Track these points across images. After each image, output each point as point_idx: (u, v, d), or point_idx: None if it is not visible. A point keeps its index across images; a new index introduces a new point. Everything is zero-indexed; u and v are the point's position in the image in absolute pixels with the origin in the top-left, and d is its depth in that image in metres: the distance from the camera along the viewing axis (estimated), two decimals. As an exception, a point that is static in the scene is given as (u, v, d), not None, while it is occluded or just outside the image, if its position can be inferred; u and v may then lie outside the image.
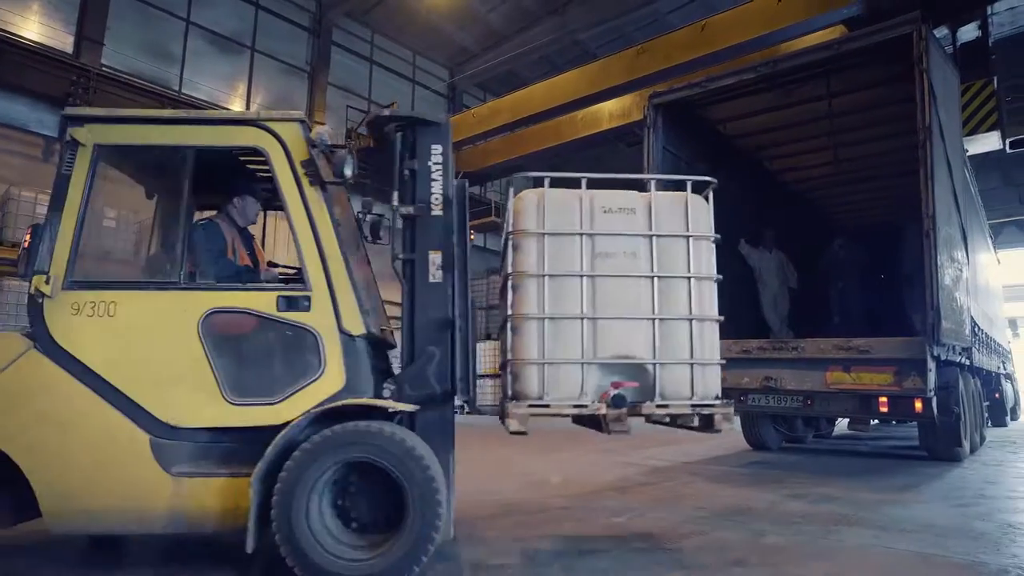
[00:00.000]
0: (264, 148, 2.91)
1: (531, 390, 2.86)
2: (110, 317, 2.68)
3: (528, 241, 2.98)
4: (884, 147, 8.01)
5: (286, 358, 2.77)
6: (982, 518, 3.90)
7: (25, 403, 2.58)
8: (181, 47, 13.61)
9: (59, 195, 2.78)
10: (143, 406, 2.62)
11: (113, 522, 2.61)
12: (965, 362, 6.53)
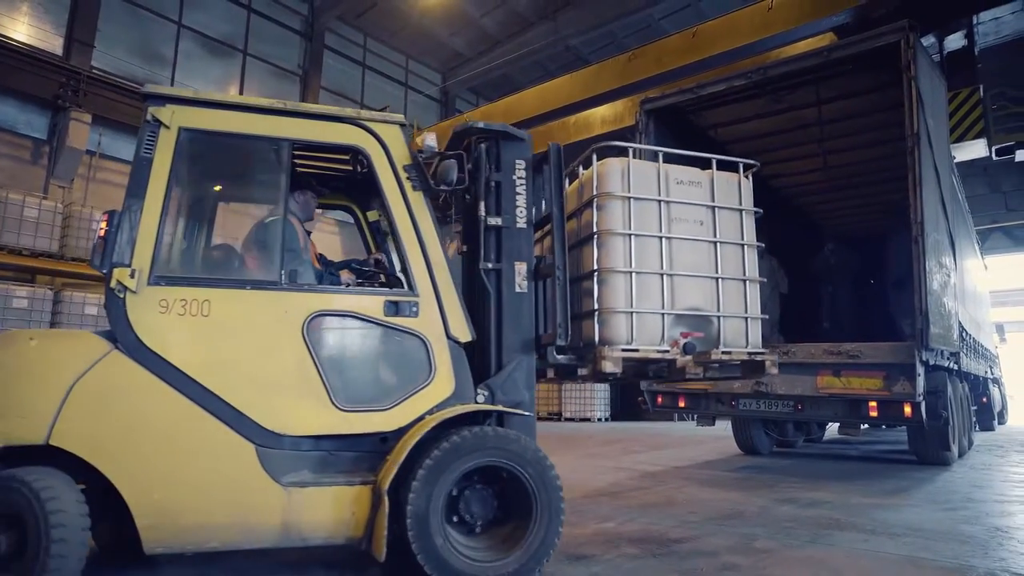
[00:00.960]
0: (365, 148, 2.85)
1: (620, 336, 3.14)
2: (204, 317, 2.49)
3: (614, 203, 3.27)
4: (873, 154, 8.09)
5: (396, 363, 2.76)
6: (970, 522, 3.93)
7: (112, 411, 2.35)
8: (172, 50, 13.55)
9: (139, 180, 2.54)
10: (246, 413, 2.46)
11: (220, 538, 2.41)
12: (953, 367, 6.59)
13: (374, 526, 2.43)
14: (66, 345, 2.47)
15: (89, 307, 9.44)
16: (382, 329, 2.72)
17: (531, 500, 2.59)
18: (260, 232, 2.90)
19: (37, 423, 2.27)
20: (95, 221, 9.85)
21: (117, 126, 12.06)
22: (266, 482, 2.43)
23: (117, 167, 12.17)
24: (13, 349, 2.42)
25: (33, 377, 2.33)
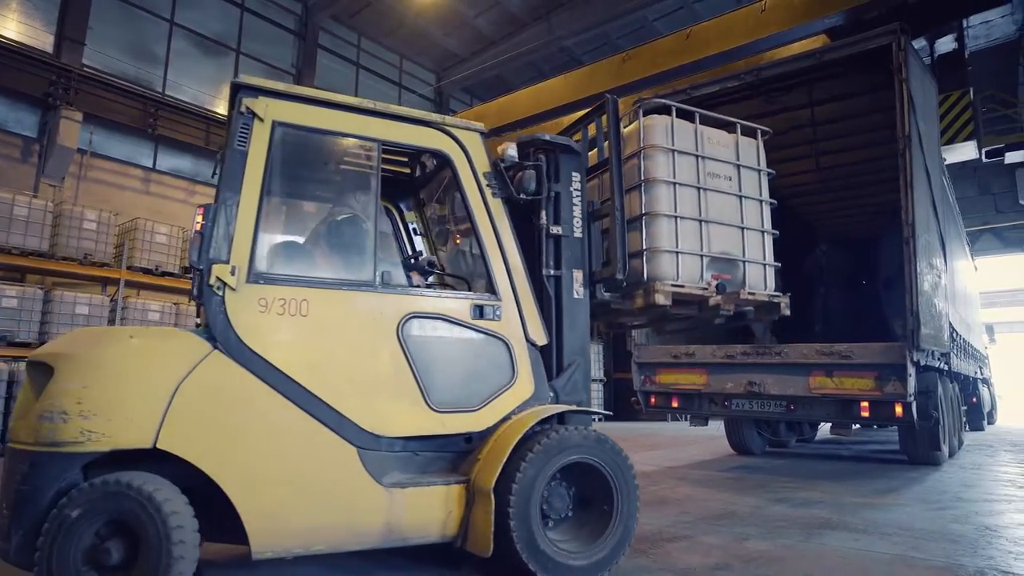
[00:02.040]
0: (448, 154, 2.92)
1: (667, 273, 3.51)
2: (303, 317, 2.45)
3: (659, 153, 3.69)
4: (865, 155, 8.14)
5: (482, 365, 2.81)
6: (960, 521, 3.96)
7: (217, 413, 2.29)
8: (165, 48, 13.45)
9: (234, 173, 2.45)
10: (346, 415, 2.45)
11: (326, 541, 2.39)
12: (944, 367, 6.64)
13: (470, 523, 2.53)
14: (169, 345, 2.36)
15: (80, 307, 9.36)
16: (469, 332, 2.79)
17: (612, 494, 2.74)
18: (353, 232, 2.89)
19: (144, 426, 2.19)
20: (86, 220, 9.78)
21: (109, 124, 11.97)
22: (370, 484, 2.45)
23: (108, 166, 12.09)
24: (115, 349, 2.29)
25: (138, 378, 2.24)
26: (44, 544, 2.04)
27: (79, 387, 2.17)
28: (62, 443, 2.12)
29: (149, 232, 10.65)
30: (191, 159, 13.59)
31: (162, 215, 12.33)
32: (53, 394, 2.16)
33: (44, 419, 2.14)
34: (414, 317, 2.68)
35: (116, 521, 2.12)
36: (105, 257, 10.00)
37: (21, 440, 2.19)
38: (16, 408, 2.34)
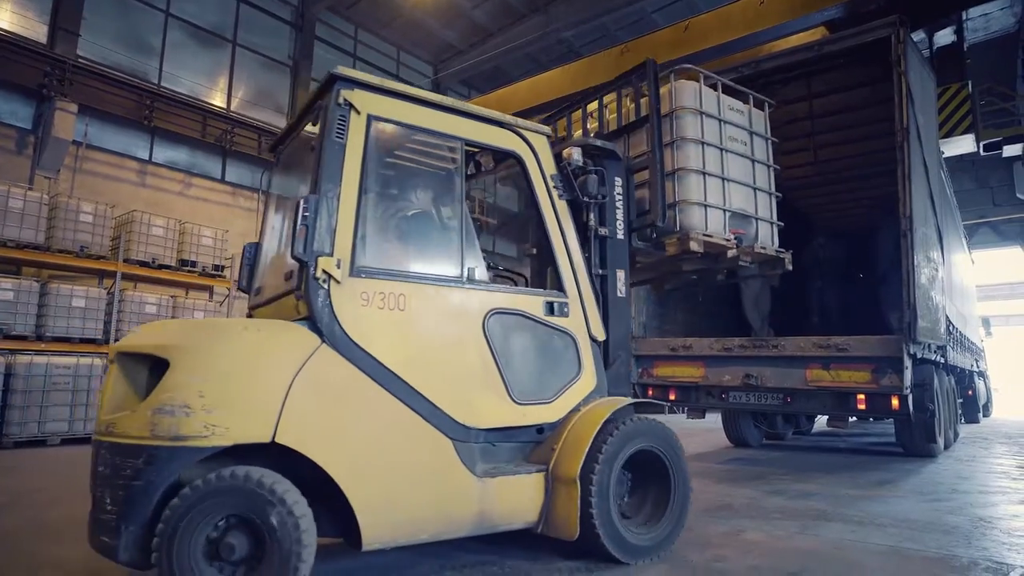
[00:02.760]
0: (520, 155, 3.03)
1: (697, 224, 3.87)
2: (401, 311, 2.50)
3: (689, 115, 4.10)
4: (863, 148, 8.13)
5: (554, 360, 2.94)
6: (955, 512, 3.98)
7: (328, 407, 2.29)
8: (160, 39, 13.36)
9: (334, 165, 2.43)
10: (441, 408, 2.53)
11: (428, 530, 2.47)
12: (940, 360, 6.66)
13: (552, 509, 2.70)
14: (282, 338, 2.32)
15: (76, 299, 9.33)
16: (542, 327, 2.92)
17: (670, 479, 2.98)
18: (442, 228, 2.95)
19: (264, 421, 2.17)
20: (82, 212, 9.74)
21: (104, 116, 11.90)
22: (465, 474, 2.54)
23: (104, 158, 12.02)
24: (233, 342, 2.27)
25: (256, 372, 2.23)
26: (164, 539, 2.00)
27: (200, 380, 2.14)
28: (185, 437, 2.08)
29: (146, 225, 10.60)
30: (187, 151, 13.53)
31: (159, 207, 12.28)
32: (172, 387, 2.12)
33: (163, 413, 2.09)
34: (497, 313, 2.78)
35: (238, 516, 2.11)
36: (101, 250, 9.96)
37: (130, 434, 2.11)
38: (106, 401, 2.28)
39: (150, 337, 2.39)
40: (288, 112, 15.63)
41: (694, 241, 3.77)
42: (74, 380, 7.89)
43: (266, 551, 2.09)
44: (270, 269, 3.03)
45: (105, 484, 2.14)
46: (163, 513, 2.03)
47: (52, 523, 3.57)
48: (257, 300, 3.05)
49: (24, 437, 7.40)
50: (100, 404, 2.33)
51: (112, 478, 2.11)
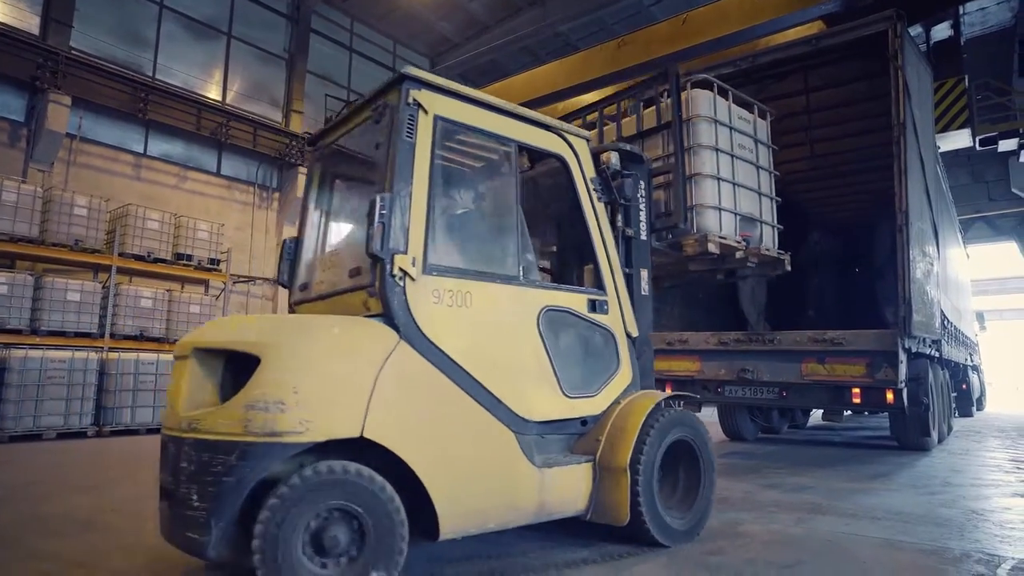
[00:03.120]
0: (565, 157, 3.11)
1: (712, 227, 4.12)
2: (466, 308, 2.57)
3: (703, 122, 4.33)
4: (859, 143, 8.14)
5: (596, 355, 3.06)
6: (948, 505, 4.01)
7: (407, 402, 2.35)
8: (154, 31, 13.25)
9: (406, 164, 2.45)
10: (504, 401, 2.61)
11: (495, 520, 2.57)
12: (934, 354, 6.69)
13: (602, 497, 2.84)
14: (366, 335, 2.36)
15: (71, 293, 9.29)
16: (586, 324, 3.03)
17: (700, 466, 3.18)
18: (499, 227, 3.01)
19: (353, 416, 2.21)
20: (77, 206, 9.68)
21: (98, 109, 11.82)
22: (527, 465, 2.65)
23: (98, 151, 11.94)
24: (323, 339, 2.30)
25: (345, 368, 2.27)
26: (268, 533, 2.00)
27: (294, 377, 2.15)
28: (280, 433, 2.10)
29: (141, 218, 10.55)
30: (182, 144, 13.45)
31: (154, 201, 12.22)
32: (265, 383, 2.13)
33: (257, 409, 2.09)
34: (549, 310, 2.88)
35: (339, 509, 2.13)
36: (96, 243, 9.91)
37: (220, 431, 2.11)
38: (184, 398, 2.27)
39: (233, 333, 2.40)
40: (284, 105, 15.55)
41: (712, 243, 4.04)
42: (69, 374, 7.86)
43: (366, 543, 2.14)
44: (321, 265, 3.05)
45: (191, 480, 2.13)
46: (265, 507, 2.03)
47: (48, 517, 3.56)
48: (304, 296, 3.06)
49: (19, 431, 7.38)
50: (173, 400, 2.33)
51: (200, 474, 2.11)
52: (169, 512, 2.23)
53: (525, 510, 2.64)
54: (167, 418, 2.32)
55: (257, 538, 2.00)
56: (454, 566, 2.68)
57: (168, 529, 2.25)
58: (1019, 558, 2.84)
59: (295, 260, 3.18)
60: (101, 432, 8.08)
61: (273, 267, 14.76)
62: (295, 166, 14.83)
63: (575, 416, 2.94)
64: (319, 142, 3.26)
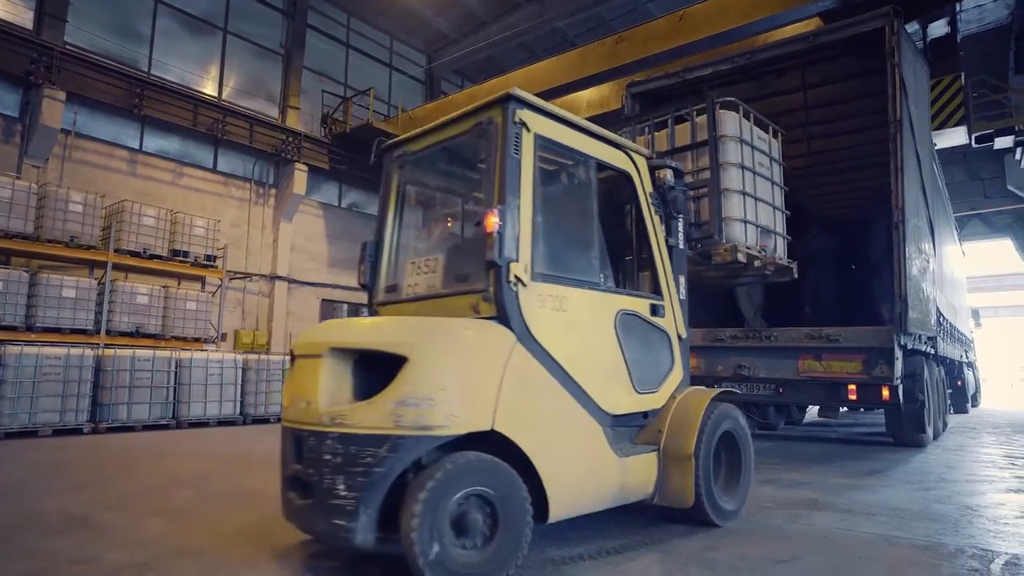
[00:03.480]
0: (631, 173, 3.40)
1: (739, 238, 4.51)
2: (563, 312, 2.79)
3: (731, 142, 4.67)
4: (856, 140, 8.14)
5: (658, 354, 3.34)
6: (942, 501, 4.03)
7: (525, 397, 2.57)
8: (149, 26, 13.18)
9: (514, 179, 2.66)
10: (593, 397, 2.86)
11: (589, 504, 2.84)
12: (930, 351, 6.71)
13: (667, 482, 3.14)
14: (492, 336, 2.55)
15: (67, 290, 9.26)
16: (648, 326, 3.31)
17: (740, 454, 3.51)
18: (584, 236, 3.21)
19: (487, 411, 2.42)
20: (72, 202, 9.64)
21: (93, 104, 11.75)
22: (611, 454, 2.92)
23: (93, 147, 11.89)
24: (459, 340, 2.48)
25: (479, 367, 2.47)
26: (422, 518, 2.15)
27: (439, 375, 2.35)
28: (430, 427, 2.28)
29: (137, 214, 10.51)
30: (178, 140, 13.40)
31: (150, 197, 12.17)
32: (414, 381, 2.30)
33: (407, 404, 2.27)
34: (623, 313, 3.15)
35: (475, 495, 2.32)
36: (92, 240, 9.88)
37: (369, 425, 2.27)
38: (322, 394, 2.41)
39: (376, 335, 2.57)
40: (280, 101, 15.49)
41: (741, 252, 4.43)
42: (65, 371, 7.84)
43: (498, 525, 2.34)
44: (413, 269, 3.21)
45: (337, 472, 2.27)
46: (419, 494, 2.18)
47: (44, 514, 3.55)
48: (390, 297, 3.24)
49: (15, 428, 7.36)
50: (307, 397, 2.45)
51: (348, 466, 2.26)
52: (308, 502, 2.38)
53: (610, 495, 2.92)
54: (301, 414, 2.46)
55: (412, 522, 2.15)
56: (450, 562, 2.69)
57: (306, 518, 2.43)
58: (1012, 553, 2.86)
59: (376, 263, 3.35)
60: (97, 429, 8.06)
61: (269, 263, 14.73)
62: (291, 162, 14.79)
63: (642, 410, 3.21)
64: (398, 150, 3.40)
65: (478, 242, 2.68)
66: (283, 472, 2.61)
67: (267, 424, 9.70)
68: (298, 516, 2.49)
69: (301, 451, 2.43)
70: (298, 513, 2.48)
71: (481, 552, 2.30)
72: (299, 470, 2.43)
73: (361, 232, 17.14)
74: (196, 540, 3.02)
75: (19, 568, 2.61)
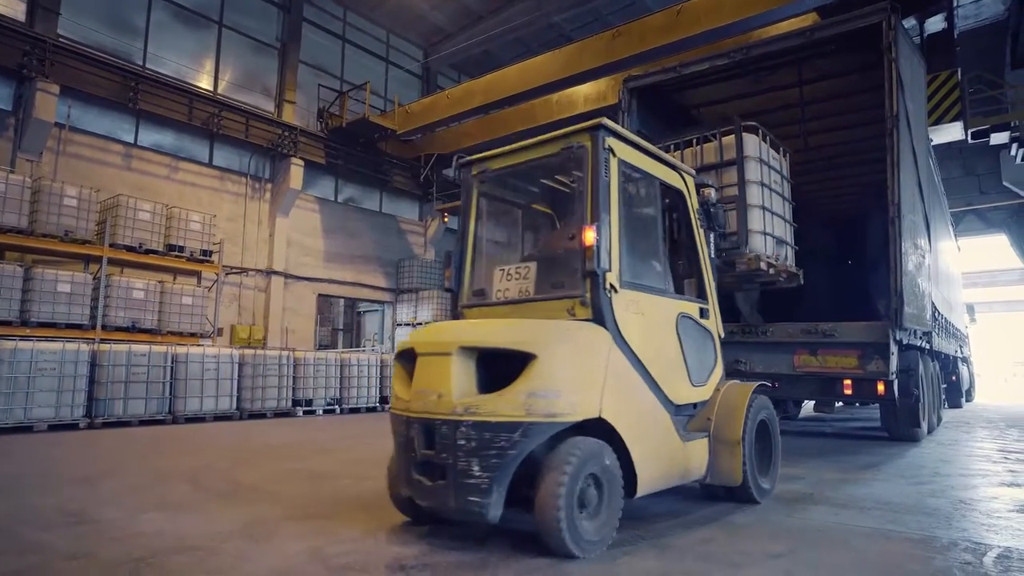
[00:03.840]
0: (683, 192, 3.81)
1: (759, 248, 5.07)
2: (642, 315, 3.18)
3: (753, 162, 5.22)
4: (853, 135, 8.15)
5: (705, 352, 3.73)
6: (936, 495, 4.06)
7: (620, 389, 2.97)
8: (144, 20, 13.10)
9: (606, 199, 3.04)
10: (663, 389, 3.25)
11: (664, 483, 3.22)
12: (925, 346, 6.74)
13: (718, 464, 3.55)
14: (597, 337, 2.93)
15: (62, 284, 9.22)
16: (698, 326, 3.70)
17: (772, 440, 3.98)
18: (653, 247, 3.58)
19: (596, 400, 2.81)
20: (66, 196, 9.60)
21: (87, 98, 11.68)
22: (677, 439, 3.32)
23: (88, 141, 11.82)
24: (576, 340, 2.86)
25: (590, 363, 2.86)
26: (561, 494, 2.54)
27: (563, 370, 2.72)
28: (557, 415, 2.66)
29: (132, 209, 10.47)
30: (174, 134, 13.33)
31: (145, 191, 12.12)
32: (542, 376, 2.65)
33: (538, 396, 2.63)
34: (682, 316, 3.55)
35: (590, 474, 2.70)
36: (87, 234, 9.84)
37: (503, 414, 2.62)
38: (453, 387, 2.71)
39: (506, 336, 2.86)
40: (276, 95, 15.42)
41: (763, 261, 4.97)
42: (60, 366, 7.81)
43: (603, 499, 2.77)
44: (503, 276, 3.51)
45: (472, 455, 2.61)
46: (558, 475, 2.56)
47: (40, 509, 3.55)
48: (479, 301, 3.57)
49: (10, 423, 7.34)
50: (438, 389, 2.74)
51: (482, 450, 2.60)
52: (440, 483, 2.70)
53: (677, 474, 3.30)
54: (432, 405, 2.74)
55: (554, 499, 2.54)
56: (444, 554, 2.69)
57: (438, 498, 2.73)
58: (1005, 546, 2.88)
59: (460, 270, 3.68)
60: (93, 424, 8.05)
61: (266, 258, 14.69)
62: (287, 156, 14.73)
63: (697, 401, 3.60)
64: (478, 166, 3.70)
65: (571, 253, 3.12)
66: (403, 457, 2.89)
67: (263, 419, 9.70)
68: (428, 496, 2.79)
69: (433, 438, 2.71)
70: (429, 493, 2.77)
71: (593, 521, 2.71)
72: (431, 455, 2.73)
73: (357, 227, 17.09)
74: (193, 535, 3.02)
75: (15, 563, 2.61)
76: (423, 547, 2.82)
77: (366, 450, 6.27)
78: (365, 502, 3.75)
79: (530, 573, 2.48)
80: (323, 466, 5.15)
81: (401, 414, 2.91)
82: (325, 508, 3.60)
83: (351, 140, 16.22)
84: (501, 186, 3.84)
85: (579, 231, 3.02)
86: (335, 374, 11.17)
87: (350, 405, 11.30)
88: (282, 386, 10.24)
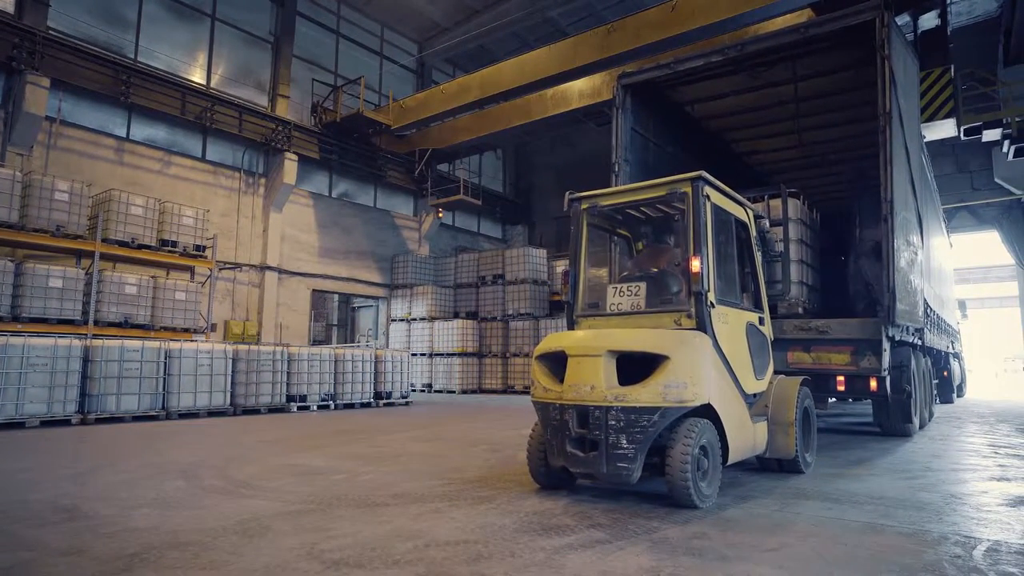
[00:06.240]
0: (748, 224, 4.58)
1: (796, 293, 6.07)
2: (726, 324, 3.95)
3: (794, 224, 6.37)
4: (846, 132, 8.17)
5: (761, 352, 4.44)
6: (927, 490, 4.09)
7: (717, 381, 3.73)
8: (136, 12, 12.98)
9: (704, 235, 3.82)
10: (740, 382, 4.01)
11: (744, 454, 4.05)
12: (917, 342, 6.78)
13: (775, 440, 4.41)
14: (704, 341, 3.70)
15: (53, 279, 9.16)
16: (759, 332, 4.47)
17: (811, 424, 4.77)
18: (729, 271, 4.31)
19: (706, 390, 3.58)
20: (58, 191, 9.53)
21: (78, 92, 11.59)
22: (751, 421, 4.14)
23: (79, 135, 11.72)
24: (694, 344, 3.61)
25: (702, 361, 3.62)
26: (690, 460, 3.40)
27: (688, 367, 3.50)
28: (685, 401, 3.47)
29: (124, 203, 10.41)
30: (166, 129, 13.25)
31: (138, 186, 12.04)
32: (675, 371, 3.46)
33: (672, 387, 3.44)
34: (748, 324, 4.31)
35: (702, 446, 3.53)
36: (79, 229, 9.77)
37: (646, 400, 3.43)
38: (603, 381, 3.51)
39: (646, 342, 3.61)
40: (270, 90, 15.33)
41: (800, 306, 6.17)
42: (52, 361, 7.77)
43: (710, 464, 3.60)
44: (616, 292, 4.22)
45: (620, 432, 3.44)
46: (688, 447, 3.41)
47: (32, 505, 3.53)
48: (593, 312, 4.31)
49: (2, 419, 7.30)
50: (590, 382, 3.54)
51: (629, 428, 3.43)
52: (593, 454, 3.51)
53: (749, 448, 4.10)
54: (586, 395, 3.55)
55: (683, 464, 3.39)
56: (441, 548, 2.70)
57: (591, 465, 3.53)
58: (994, 540, 2.91)
59: (575, 286, 4.38)
60: (86, 420, 8.01)
61: (259, 253, 14.63)
62: (281, 151, 14.67)
63: (758, 391, 4.34)
64: (588, 202, 4.39)
65: (676, 275, 4.13)
66: (558, 435, 3.66)
67: (257, 415, 9.68)
68: (582, 464, 3.58)
69: (587, 420, 3.53)
70: (582, 462, 3.57)
71: (704, 481, 3.54)
72: (584, 433, 3.55)
73: (351, 222, 17.04)
74: (186, 531, 3.02)
75: (8, 559, 2.60)
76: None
77: (360, 446, 6.27)
78: (358, 498, 3.75)
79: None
80: (316, 461, 5.15)
81: (554, 401, 3.69)
82: (320, 503, 3.60)
83: (345, 135, 16.15)
84: (610, 219, 4.67)
85: (684, 260, 3.90)
86: (329, 370, 11.16)
87: (344, 401, 11.29)
88: (276, 382, 10.21)
